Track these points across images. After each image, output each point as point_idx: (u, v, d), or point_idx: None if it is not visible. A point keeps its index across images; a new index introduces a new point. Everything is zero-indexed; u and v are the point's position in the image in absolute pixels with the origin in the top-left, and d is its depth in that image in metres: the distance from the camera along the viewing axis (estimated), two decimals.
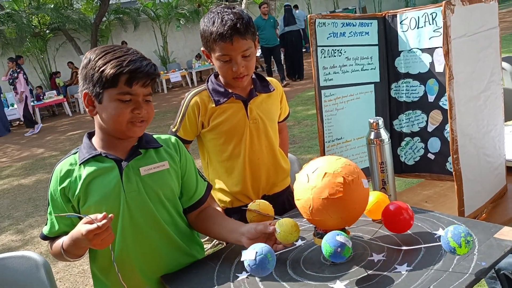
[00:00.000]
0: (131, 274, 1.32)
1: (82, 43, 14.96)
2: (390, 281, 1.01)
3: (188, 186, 1.43)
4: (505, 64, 2.95)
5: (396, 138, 1.71)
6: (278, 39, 9.85)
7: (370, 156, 1.49)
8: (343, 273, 1.10)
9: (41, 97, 12.30)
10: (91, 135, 1.37)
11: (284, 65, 10.40)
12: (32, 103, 11.86)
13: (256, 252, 1.03)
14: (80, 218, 1.22)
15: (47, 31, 14.97)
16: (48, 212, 1.34)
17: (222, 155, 1.61)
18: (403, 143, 1.70)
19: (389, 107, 1.71)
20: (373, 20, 1.63)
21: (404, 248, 1.13)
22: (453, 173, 1.25)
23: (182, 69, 14.02)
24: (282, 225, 1.18)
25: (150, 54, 16.17)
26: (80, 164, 1.30)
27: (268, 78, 1.70)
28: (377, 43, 1.66)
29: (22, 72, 10.36)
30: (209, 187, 1.50)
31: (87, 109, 1.29)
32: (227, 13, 1.46)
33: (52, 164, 6.05)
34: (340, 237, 1.04)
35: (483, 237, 1.10)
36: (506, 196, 1.48)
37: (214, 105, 1.57)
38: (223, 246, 1.45)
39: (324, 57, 1.55)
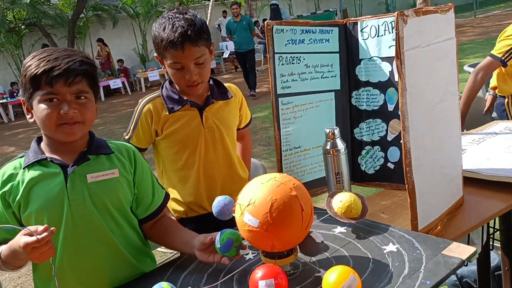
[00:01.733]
0: (70, 287, 1.26)
1: (59, 39, 14.67)
2: None
3: (144, 196, 1.38)
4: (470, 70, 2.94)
5: (357, 146, 1.69)
6: (254, 43, 8.98)
7: (326, 166, 1.47)
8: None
9: (15, 94, 12.02)
10: (40, 139, 1.31)
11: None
12: (6, 100, 11.61)
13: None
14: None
15: (23, 27, 14.63)
16: None
17: (177, 164, 1.56)
18: (363, 152, 1.68)
19: (350, 115, 1.69)
20: (334, 28, 1.60)
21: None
22: (406, 186, 1.23)
23: (161, 68, 13.84)
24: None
25: (129, 52, 15.98)
26: (24, 168, 1.24)
27: (226, 85, 1.65)
28: (338, 50, 1.63)
29: None
30: (167, 196, 1.45)
31: (27, 117, 1.24)
32: (178, 19, 1.40)
33: None
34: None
35: (431, 253, 1.08)
36: (462, 207, 1.47)
37: (167, 112, 1.52)
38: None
39: (282, 64, 1.51)
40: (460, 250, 1.07)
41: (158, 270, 1.33)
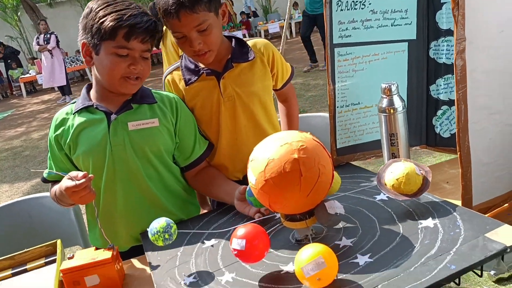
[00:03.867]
0: (114, 229, 1.33)
1: None
2: (343, 273, 0.88)
3: (185, 145, 1.40)
4: None
5: (432, 106, 1.48)
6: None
7: (381, 126, 1.31)
8: None
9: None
10: (90, 87, 1.38)
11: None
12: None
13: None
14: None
15: None
16: (48, 157, 1.39)
17: (205, 134, 1.48)
18: (439, 112, 1.47)
19: (426, 70, 1.47)
20: None
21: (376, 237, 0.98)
22: (458, 154, 1.04)
23: (281, 19, 13.74)
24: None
25: (253, 4, 16.05)
26: (74, 114, 1.32)
27: (251, 42, 1.45)
28: None
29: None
30: (210, 146, 1.44)
31: (84, 59, 1.29)
32: None
33: None
34: None
35: (471, 234, 0.91)
36: None
37: (185, 85, 1.42)
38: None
39: (341, 9, 1.35)
40: (508, 234, 0.88)
41: (192, 219, 1.34)
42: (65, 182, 1.14)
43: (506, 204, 1.15)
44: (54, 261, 1.26)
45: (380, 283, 0.83)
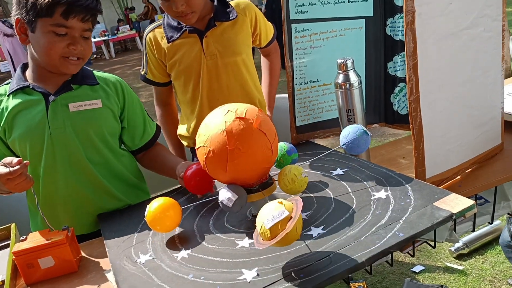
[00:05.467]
0: (56, 216, 1.27)
1: None
2: (294, 245, 0.89)
3: (135, 128, 1.36)
4: None
5: (390, 83, 1.49)
6: None
7: (338, 102, 1.31)
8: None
9: (116, 32, 12.71)
10: (26, 67, 1.29)
11: None
12: (107, 38, 12.35)
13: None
14: None
15: None
16: None
17: (186, 96, 1.49)
18: (396, 90, 1.49)
19: (384, 47, 1.48)
20: None
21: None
22: (410, 126, 1.06)
23: None
24: None
25: None
26: (8, 95, 1.24)
27: (233, 2, 1.48)
28: None
29: None
30: (158, 128, 1.43)
31: (18, 37, 1.22)
32: None
33: None
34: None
35: (421, 204, 0.93)
36: (499, 157, 1.25)
37: (167, 42, 1.43)
38: None
39: None
40: (455, 203, 0.90)
41: (142, 202, 1.30)
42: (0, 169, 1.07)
43: (458, 177, 1.18)
44: (8, 245, 1.23)
45: (331, 253, 0.84)
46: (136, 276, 0.91)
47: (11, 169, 1.04)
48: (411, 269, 2.22)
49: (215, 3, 1.45)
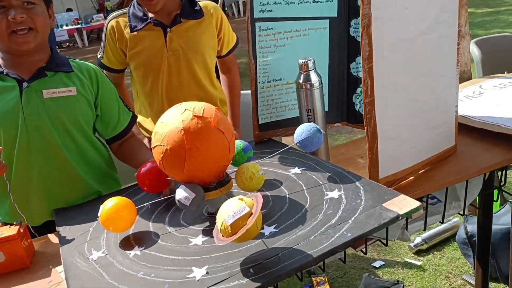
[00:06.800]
0: (28, 203, 1.28)
1: None
2: (245, 244, 0.90)
3: (108, 117, 1.37)
4: (473, 49, 2.36)
5: (353, 83, 1.52)
6: None
7: (299, 101, 1.33)
8: (209, 228, 1.00)
9: (89, 20, 12.45)
10: None
11: None
12: (81, 26, 12.10)
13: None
14: None
15: None
16: None
17: (144, 87, 1.49)
18: (358, 90, 1.51)
19: (347, 48, 1.50)
20: None
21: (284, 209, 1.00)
22: (365, 128, 1.08)
23: None
24: None
25: None
26: None
27: (202, 3, 1.50)
28: None
29: None
30: (133, 118, 1.43)
31: None
32: None
33: None
34: None
35: (370, 204, 0.95)
36: (452, 158, 1.29)
37: (130, 31, 1.43)
38: None
39: None
40: (403, 204, 0.93)
41: (117, 192, 1.31)
42: None
43: (412, 177, 1.21)
44: None
45: (280, 252, 0.85)
46: (87, 273, 0.91)
47: None
48: (372, 264, 2.27)
49: (184, 0, 1.45)
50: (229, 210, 0.82)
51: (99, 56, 1.55)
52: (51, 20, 1.29)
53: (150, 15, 1.41)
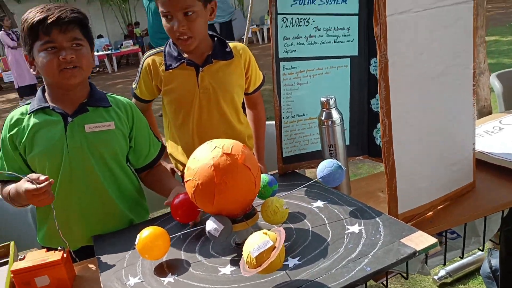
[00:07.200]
0: (67, 229, 1.36)
1: None
2: (270, 275, 0.97)
3: (140, 148, 1.47)
4: (494, 82, 2.37)
5: (373, 119, 1.58)
6: None
7: (322, 137, 1.40)
8: (236, 258, 1.07)
9: (119, 46, 12.90)
10: (45, 89, 1.42)
11: None
12: (110, 52, 12.54)
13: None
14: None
15: None
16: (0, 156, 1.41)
17: (176, 121, 1.60)
18: (378, 125, 1.57)
19: (368, 85, 1.58)
20: None
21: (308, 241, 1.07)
22: (384, 166, 1.14)
23: (253, 25, 13.85)
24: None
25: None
26: (29, 114, 1.36)
27: (232, 44, 1.61)
28: (357, 12, 1.51)
29: None
30: (162, 148, 1.54)
31: (31, 70, 1.35)
32: None
33: None
34: None
35: (389, 240, 1.01)
36: (471, 194, 1.33)
37: (165, 69, 1.54)
38: None
39: (286, 26, 1.44)
40: (419, 240, 0.98)
41: (149, 221, 1.40)
42: (25, 185, 1.18)
43: (430, 213, 1.26)
44: (7, 263, 1.30)
45: (304, 284, 0.92)
46: None
47: (38, 186, 1.15)
48: None
49: (215, 42, 1.56)
50: (254, 244, 0.90)
51: (133, 86, 1.68)
52: (92, 59, 1.42)
53: (185, 55, 1.53)
